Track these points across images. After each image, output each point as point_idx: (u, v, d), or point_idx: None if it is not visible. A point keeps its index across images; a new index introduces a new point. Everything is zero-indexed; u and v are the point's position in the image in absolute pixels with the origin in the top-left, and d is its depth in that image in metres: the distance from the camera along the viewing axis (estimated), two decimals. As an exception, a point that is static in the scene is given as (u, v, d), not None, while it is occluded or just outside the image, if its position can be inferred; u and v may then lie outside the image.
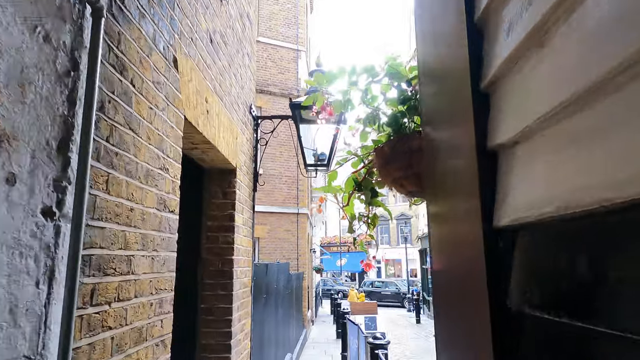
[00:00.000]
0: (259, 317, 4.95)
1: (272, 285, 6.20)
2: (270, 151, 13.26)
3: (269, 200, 12.91)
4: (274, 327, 6.60)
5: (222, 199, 3.22)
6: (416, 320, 17.74)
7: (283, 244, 12.92)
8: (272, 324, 6.28)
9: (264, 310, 5.41)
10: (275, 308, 6.77)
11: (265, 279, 5.51)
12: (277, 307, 7.03)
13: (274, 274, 6.53)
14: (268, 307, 5.82)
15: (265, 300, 5.49)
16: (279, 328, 7.13)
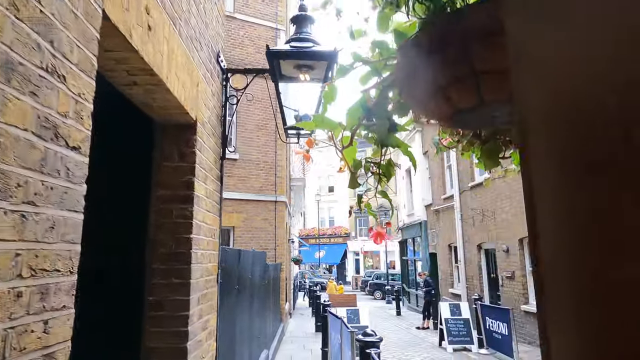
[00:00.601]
0: (230, 311, 4.27)
1: (246, 274, 5.51)
2: (246, 135, 12.50)
3: (245, 187, 12.16)
4: (248, 321, 5.92)
5: (178, 161, 2.50)
6: (396, 312, 17.35)
7: (260, 233, 12.19)
8: (245, 319, 5.59)
9: (236, 303, 4.72)
10: (250, 300, 6.08)
11: (238, 267, 4.81)
12: (252, 299, 6.34)
13: (249, 263, 5.83)
14: (241, 300, 5.14)
15: (237, 292, 4.80)
16: (254, 323, 6.46)
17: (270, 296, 9.55)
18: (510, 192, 10.15)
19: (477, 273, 12.24)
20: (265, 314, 8.23)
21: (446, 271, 14.88)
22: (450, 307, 9.77)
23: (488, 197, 11.38)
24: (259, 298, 7.34)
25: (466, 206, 12.98)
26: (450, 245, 14.53)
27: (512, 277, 10.12)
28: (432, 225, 16.23)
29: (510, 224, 10.19)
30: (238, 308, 4.88)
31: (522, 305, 9.55)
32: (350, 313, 8.61)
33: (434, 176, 16.06)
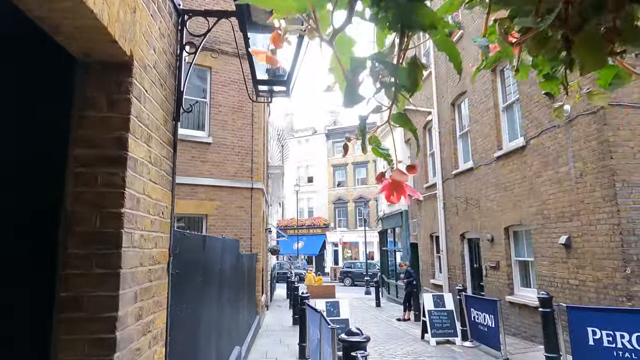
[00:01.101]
0: (191, 307, 3.65)
1: (213, 264, 4.89)
2: (220, 117, 11.76)
3: (219, 173, 11.45)
4: (217, 317, 5.31)
5: (107, 111, 1.86)
6: (376, 304, 17.00)
7: (235, 221, 11.53)
8: (213, 314, 4.98)
9: (200, 297, 4.11)
10: (219, 293, 5.47)
11: (203, 256, 4.19)
12: (222, 292, 5.73)
13: (217, 251, 5.20)
14: (207, 293, 4.52)
15: (202, 284, 4.18)
16: (223, 318, 5.85)
17: (245, 288, 8.94)
18: (497, 179, 9.78)
19: (459, 263, 11.91)
20: (238, 307, 7.63)
21: (427, 261, 14.55)
22: (434, 298, 9.38)
23: (473, 185, 11.01)
24: (231, 290, 6.73)
25: (449, 195, 12.61)
26: (432, 235, 14.18)
27: (496, 267, 9.79)
28: (414, 215, 15.86)
29: (496, 213, 9.84)
30: (203, 302, 4.26)
31: (507, 295, 9.22)
32: (330, 305, 8.10)
33: (416, 164, 15.65)
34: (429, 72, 14.00)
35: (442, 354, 7.98)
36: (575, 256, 7.18)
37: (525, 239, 9.00)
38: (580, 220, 7.06)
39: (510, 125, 9.68)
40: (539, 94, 8.11)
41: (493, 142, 9.97)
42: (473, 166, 10.94)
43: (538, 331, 8.24)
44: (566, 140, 7.40)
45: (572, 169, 7.25)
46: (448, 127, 12.70)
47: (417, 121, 15.31)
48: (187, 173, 10.95)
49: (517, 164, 8.96)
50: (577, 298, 7.09)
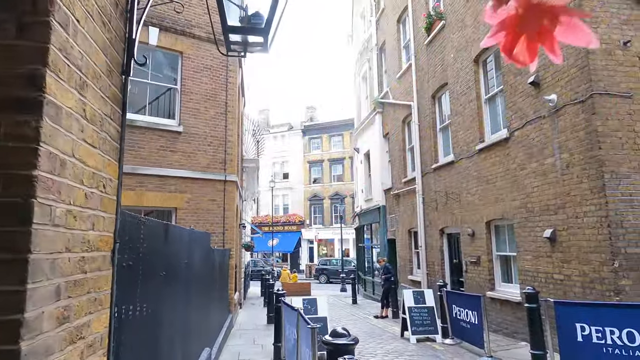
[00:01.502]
0: (150, 306, 3.14)
1: (178, 257, 4.36)
2: (192, 106, 11.13)
3: (190, 164, 10.82)
4: (184, 316, 4.79)
5: (16, 37, 1.35)
6: (352, 301, 16.68)
7: (207, 215, 10.92)
8: (179, 313, 4.46)
9: (161, 294, 3.59)
10: (186, 290, 4.94)
11: (166, 247, 3.66)
12: (190, 289, 5.20)
13: (184, 243, 4.67)
14: (171, 289, 4.00)
15: (164, 279, 3.66)
16: (190, 317, 5.32)
17: (216, 285, 8.40)
18: (479, 173, 9.55)
19: (438, 259, 11.69)
20: (208, 305, 7.09)
21: (405, 257, 14.30)
22: (414, 294, 9.07)
23: (453, 179, 10.77)
24: (201, 287, 6.20)
25: (429, 189, 12.37)
26: (410, 230, 13.93)
27: (477, 262, 9.57)
28: (392, 210, 15.60)
29: (477, 207, 9.61)
30: (166, 300, 3.74)
31: (488, 291, 9.01)
32: (307, 303, 7.65)
33: (395, 159, 15.38)
34: (409, 65, 13.72)
35: (424, 352, 7.67)
36: (561, 250, 6.98)
37: (508, 233, 8.80)
38: (566, 213, 6.85)
39: (493, 117, 9.47)
40: (524, 84, 7.89)
41: (475, 135, 9.74)
42: (454, 159, 10.70)
43: (520, 327, 8.04)
44: (552, 130, 7.19)
45: (558, 160, 7.04)
46: (428, 120, 12.45)
47: (397, 115, 15.04)
48: (156, 163, 10.29)
49: (500, 156, 8.74)
50: (562, 293, 6.89)
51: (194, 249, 5.51)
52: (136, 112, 10.35)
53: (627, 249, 5.99)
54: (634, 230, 6.03)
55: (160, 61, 11.08)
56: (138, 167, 9.95)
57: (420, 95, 13.02)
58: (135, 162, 9.98)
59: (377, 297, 16.93)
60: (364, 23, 19.81)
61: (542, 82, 7.44)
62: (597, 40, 0.64)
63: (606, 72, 6.40)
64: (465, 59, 10.15)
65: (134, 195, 9.83)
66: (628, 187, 6.15)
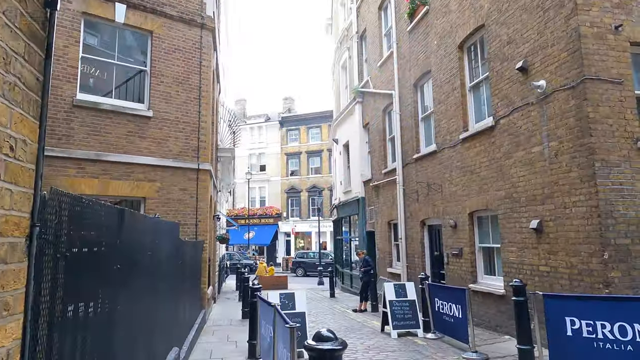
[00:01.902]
0: (102, 305, 2.65)
1: (140, 249, 3.85)
2: (163, 89, 10.47)
3: (160, 151, 10.18)
4: (147, 315, 4.28)
5: None
6: (330, 294, 16.37)
7: (178, 206, 10.32)
8: (140, 312, 3.96)
9: (118, 291, 3.09)
10: (151, 286, 4.43)
11: (121, 237, 3.15)
12: (155, 284, 4.69)
13: (146, 233, 4.16)
14: (131, 285, 3.49)
15: (121, 274, 3.16)
16: (157, 315, 4.82)
17: (187, 280, 7.87)
18: (462, 163, 9.29)
19: (419, 251, 11.44)
20: (177, 301, 6.57)
21: (385, 250, 14.03)
22: (395, 287, 8.76)
23: (436, 169, 10.50)
24: (168, 282, 5.68)
25: (410, 180, 12.08)
26: (390, 222, 13.65)
27: (459, 254, 9.34)
28: (371, 202, 15.29)
29: (460, 198, 9.36)
30: (121, 297, 3.24)
31: (471, 284, 8.78)
32: (285, 298, 7.22)
33: (375, 150, 15.05)
34: (390, 53, 13.36)
35: (406, 348, 7.37)
36: (547, 241, 6.76)
37: (491, 224, 8.57)
38: (554, 203, 6.63)
39: (478, 106, 9.20)
40: (512, 70, 7.62)
41: (459, 124, 9.47)
42: (436, 149, 10.43)
43: (503, 320, 7.85)
44: (540, 118, 6.94)
45: (546, 148, 6.81)
46: (410, 110, 12.14)
47: (377, 104, 14.69)
48: (123, 150, 9.62)
49: (484, 145, 8.48)
50: (548, 285, 6.68)
51: (161, 241, 4.99)
52: (101, 95, 9.63)
53: (617, 240, 5.79)
54: (623, 220, 5.84)
55: (128, 41, 10.35)
56: (103, 154, 9.27)
57: (401, 84, 12.68)
58: (100, 148, 9.29)
59: (355, 290, 16.66)
60: (344, 10, 19.34)
61: (530, 68, 7.18)
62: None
63: (597, 56, 6.16)
64: (450, 46, 9.84)
65: (98, 183, 9.16)
66: (618, 176, 5.95)
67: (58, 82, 8.79)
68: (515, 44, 7.52)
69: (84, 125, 9.16)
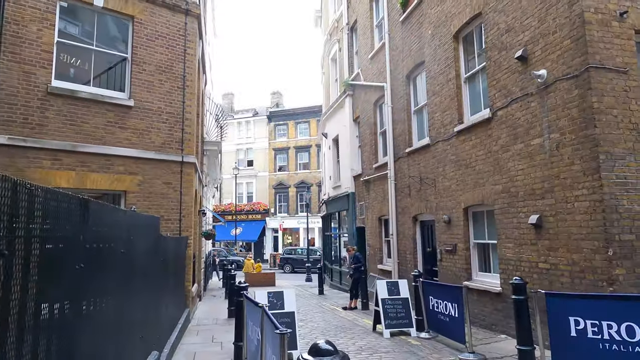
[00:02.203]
0: (60, 309, 2.24)
1: (111, 245, 3.43)
2: (145, 78, 9.96)
3: (142, 143, 9.69)
4: (120, 316, 3.87)
5: None
6: (319, 291, 16.03)
7: (161, 200, 9.84)
8: (111, 313, 3.54)
9: (80, 293, 2.68)
10: (124, 285, 4.01)
11: (86, 231, 2.73)
12: (130, 283, 4.27)
13: (118, 227, 3.73)
14: (97, 285, 3.08)
15: (86, 273, 2.74)
16: (132, 317, 4.41)
17: (169, 277, 7.44)
18: (457, 156, 9.00)
19: (411, 247, 11.15)
20: (158, 301, 6.15)
21: (375, 246, 13.73)
22: (388, 285, 8.45)
23: (429, 163, 10.19)
24: (147, 281, 5.26)
25: (401, 174, 11.78)
26: (380, 218, 13.35)
27: (453, 250, 9.06)
28: (361, 197, 14.97)
29: (454, 192, 9.08)
30: (86, 300, 2.83)
31: (465, 281, 8.52)
32: (273, 297, 6.84)
33: (365, 144, 14.71)
34: (382, 44, 13.01)
35: (399, 348, 7.06)
36: (547, 237, 6.50)
37: (487, 219, 8.30)
38: (555, 197, 6.36)
39: (473, 97, 8.91)
40: (510, 59, 7.32)
41: (453, 116, 9.17)
42: (430, 143, 10.12)
43: (499, 319, 7.59)
44: (541, 109, 6.66)
45: (546, 140, 6.53)
46: (402, 103, 11.81)
47: (368, 97, 14.34)
48: (102, 141, 9.11)
49: (480, 138, 8.19)
50: (547, 283, 6.42)
51: (137, 236, 4.56)
52: (79, 83, 9.09)
53: (621, 236, 5.54)
54: (628, 215, 5.59)
55: (108, 26, 9.81)
56: (80, 145, 8.76)
57: (393, 76, 12.35)
58: (77, 139, 8.77)
59: (344, 287, 16.36)
60: (334, 2, 18.92)
61: (530, 57, 6.89)
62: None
63: (602, 44, 5.88)
64: (444, 35, 9.52)
65: (75, 176, 8.65)
66: (622, 169, 5.69)
67: (31, 67, 8.24)
68: (515, 32, 7.22)
69: (59, 114, 8.63)
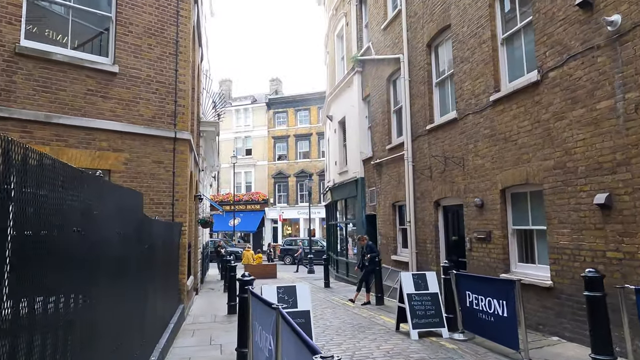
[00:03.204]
0: None
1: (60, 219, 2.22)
2: (132, 41, 8.68)
3: (128, 115, 8.45)
4: (90, 321, 2.66)
5: None
6: (325, 284, 14.91)
7: (150, 181, 8.62)
8: (74, 318, 2.33)
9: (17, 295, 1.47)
10: (94, 283, 2.81)
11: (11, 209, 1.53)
12: (97, 279, 3.06)
13: (73, 195, 2.51)
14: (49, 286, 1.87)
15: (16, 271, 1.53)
16: (103, 322, 3.20)
17: (159, 269, 6.23)
18: (492, 130, 7.79)
19: (432, 236, 9.99)
20: (143, 298, 4.95)
21: (388, 235, 12.56)
22: (414, 278, 7.28)
23: (456, 140, 8.98)
24: (126, 273, 4.05)
25: (421, 155, 10.57)
26: (395, 204, 12.16)
27: (487, 238, 7.89)
28: (372, 183, 13.77)
29: (489, 172, 7.88)
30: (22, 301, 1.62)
31: (502, 273, 7.37)
32: (283, 292, 5.65)
33: (377, 124, 13.47)
34: (398, 11, 11.73)
35: (434, 354, 5.90)
36: (619, 220, 5.32)
37: (532, 201, 7.12)
38: (631, 171, 5.17)
39: (513, 61, 7.68)
40: (568, 8, 6.08)
41: (488, 83, 7.94)
42: (457, 117, 8.90)
43: (547, 318, 6.44)
44: (612, 64, 5.44)
45: (620, 102, 5.32)
46: (421, 75, 10.56)
47: (380, 73, 13.08)
48: (81, 112, 7.87)
49: (525, 105, 6.98)
50: (619, 276, 5.26)
51: (105, 212, 3.35)
52: (55, 45, 7.80)
53: None
54: None
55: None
56: (56, 115, 7.52)
57: (411, 45, 11.08)
58: (52, 108, 7.53)
59: (351, 279, 15.24)
60: (341, -27, 17.54)
61: (596, 2, 5.66)
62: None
63: (701, -24, 4.66)
64: (477, -8, 8.26)
65: (50, 151, 7.35)
66: None
67: (-7, 20, 6.95)
68: (574, -25, 5.97)
69: (30, 79, 7.37)
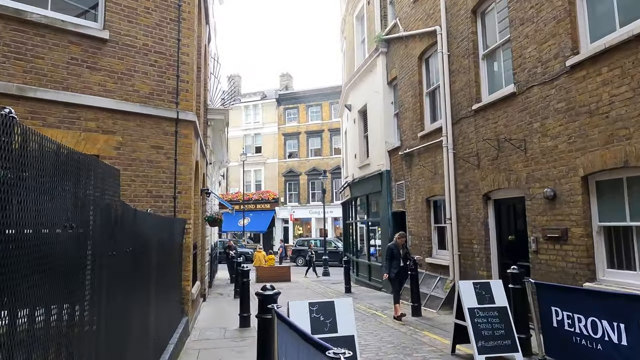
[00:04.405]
0: None
1: None
2: (125, 3, 7.27)
3: (121, 90, 7.06)
4: None
5: None
6: (345, 289, 13.43)
7: (148, 170, 7.21)
8: None
9: None
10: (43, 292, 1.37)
11: None
12: (93, 289, 1.61)
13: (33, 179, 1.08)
14: None
15: None
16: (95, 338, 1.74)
17: (153, 277, 4.77)
18: (569, 102, 6.25)
19: (480, 235, 8.45)
20: (128, 318, 3.51)
21: (421, 234, 11.03)
22: (476, 288, 5.76)
23: (514, 119, 7.45)
24: (103, 285, 2.60)
25: (464, 140, 9.04)
26: (429, 199, 10.64)
27: (562, 237, 6.35)
28: (399, 176, 12.25)
29: (564, 155, 6.35)
30: None
31: (587, 282, 5.83)
32: (318, 311, 4.14)
33: (406, 109, 11.94)
34: (433, -23, 10.22)
35: (519, 393, 4.38)
36: None
37: (629, 191, 5.57)
38: None
39: (595, 15, 6.13)
40: None
41: (562, 46, 6.40)
42: (515, 91, 7.36)
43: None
44: None
45: None
46: (465, 47, 9.04)
47: (409, 51, 11.56)
48: (63, 85, 6.50)
49: (619, 69, 5.43)
50: None
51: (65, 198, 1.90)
52: (30, 4, 6.41)
53: None
54: None
55: None
56: (31, 88, 6.14)
57: (451, 14, 9.57)
58: (26, 80, 6.16)
59: (374, 283, 13.74)
60: (361, -52, 16.05)
61: None
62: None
63: None
64: None
65: (23, 131, 5.94)
66: None
67: (-52, -35, 5.58)
68: None
69: (-1, 42, 6.00)
